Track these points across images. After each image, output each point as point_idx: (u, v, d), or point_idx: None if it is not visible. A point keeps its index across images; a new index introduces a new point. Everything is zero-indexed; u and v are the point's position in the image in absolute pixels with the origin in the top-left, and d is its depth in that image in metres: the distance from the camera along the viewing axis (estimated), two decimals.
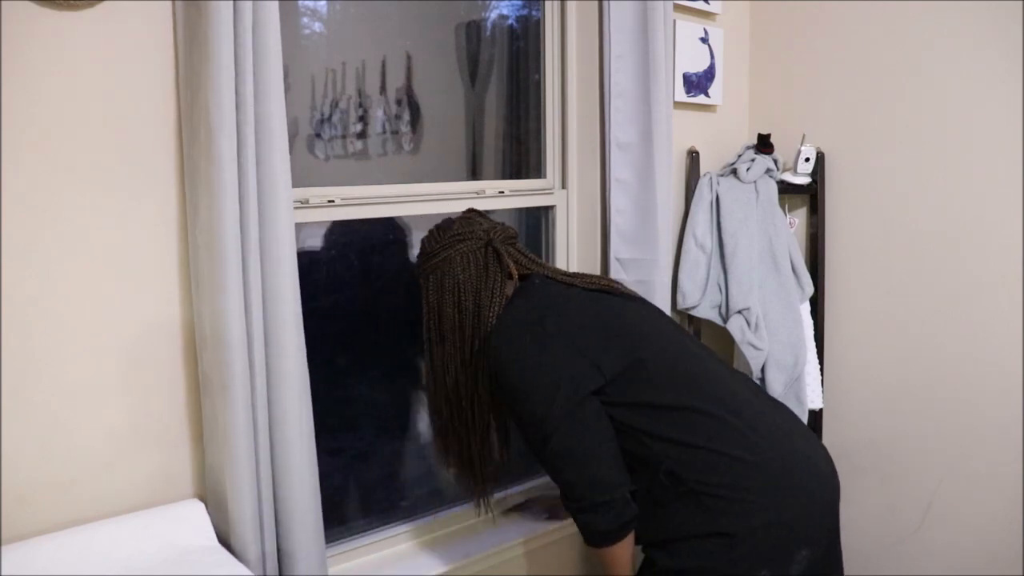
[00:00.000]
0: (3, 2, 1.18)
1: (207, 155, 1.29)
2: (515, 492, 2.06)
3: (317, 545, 1.48)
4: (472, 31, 2.02)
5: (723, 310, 2.14)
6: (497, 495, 1.86)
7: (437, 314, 1.55)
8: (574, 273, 1.63)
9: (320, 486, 1.49)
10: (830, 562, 1.47)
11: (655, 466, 1.38)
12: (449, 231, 1.56)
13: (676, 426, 1.39)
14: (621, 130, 1.95)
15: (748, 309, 2.09)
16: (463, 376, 1.55)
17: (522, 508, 2.02)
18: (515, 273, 1.55)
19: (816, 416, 2.24)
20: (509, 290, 1.56)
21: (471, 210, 1.66)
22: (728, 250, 2.11)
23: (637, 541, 1.45)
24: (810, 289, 2.20)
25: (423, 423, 2.06)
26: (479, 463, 1.64)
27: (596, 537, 1.41)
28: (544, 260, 1.65)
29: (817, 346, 2.22)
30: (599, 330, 1.45)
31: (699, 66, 2.18)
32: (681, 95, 2.12)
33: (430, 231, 1.61)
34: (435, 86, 1.96)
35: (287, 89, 1.39)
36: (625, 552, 1.41)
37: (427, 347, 1.60)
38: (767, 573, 1.35)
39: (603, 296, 1.57)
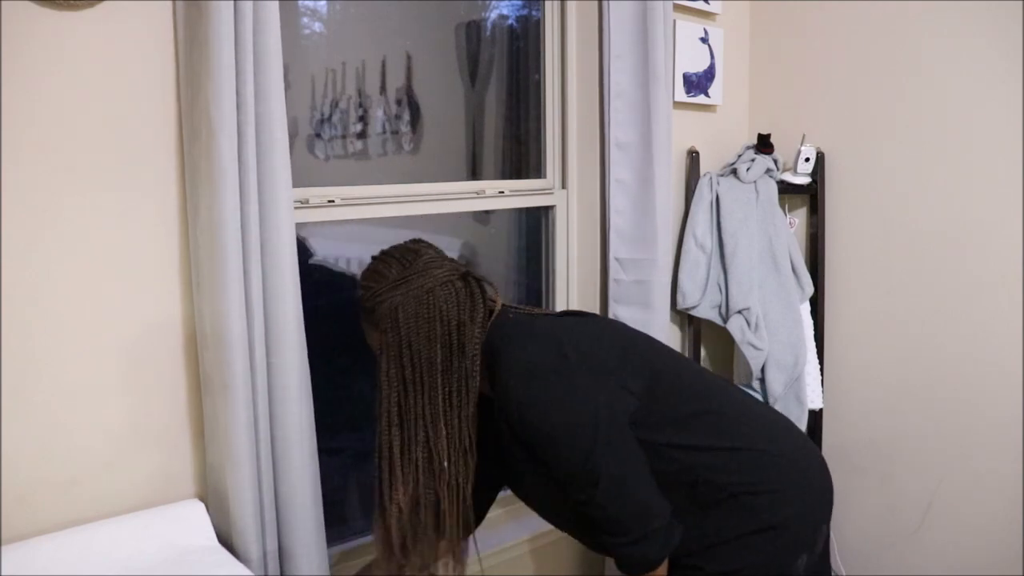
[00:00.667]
0: (3, 2, 1.18)
1: (207, 155, 1.29)
2: None
3: (318, 544, 1.48)
4: (472, 31, 2.02)
5: (723, 310, 2.14)
6: None
7: (410, 350, 1.30)
8: (523, 306, 1.50)
9: (320, 486, 1.49)
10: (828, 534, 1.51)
11: (690, 479, 1.32)
12: (420, 255, 1.36)
13: (698, 433, 1.35)
14: (621, 130, 1.95)
15: (748, 309, 2.09)
16: (446, 427, 1.31)
17: None
18: (499, 304, 1.40)
19: (816, 416, 2.24)
20: (487, 326, 1.37)
21: (419, 240, 1.43)
22: (728, 250, 2.11)
23: (674, 555, 1.37)
24: (810, 289, 2.20)
25: None
26: (457, 517, 1.38)
27: (644, 566, 1.30)
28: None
29: (817, 346, 2.22)
30: (613, 352, 1.36)
31: (699, 66, 2.18)
32: (681, 95, 2.12)
33: (385, 258, 1.38)
34: (435, 86, 1.96)
35: (287, 89, 1.39)
36: (664, 571, 1.35)
37: (390, 393, 1.31)
38: (805, 555, 1.36)
39: (585, 318, 1.47)
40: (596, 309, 2.10)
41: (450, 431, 1.32)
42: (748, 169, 2.15)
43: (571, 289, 2.13)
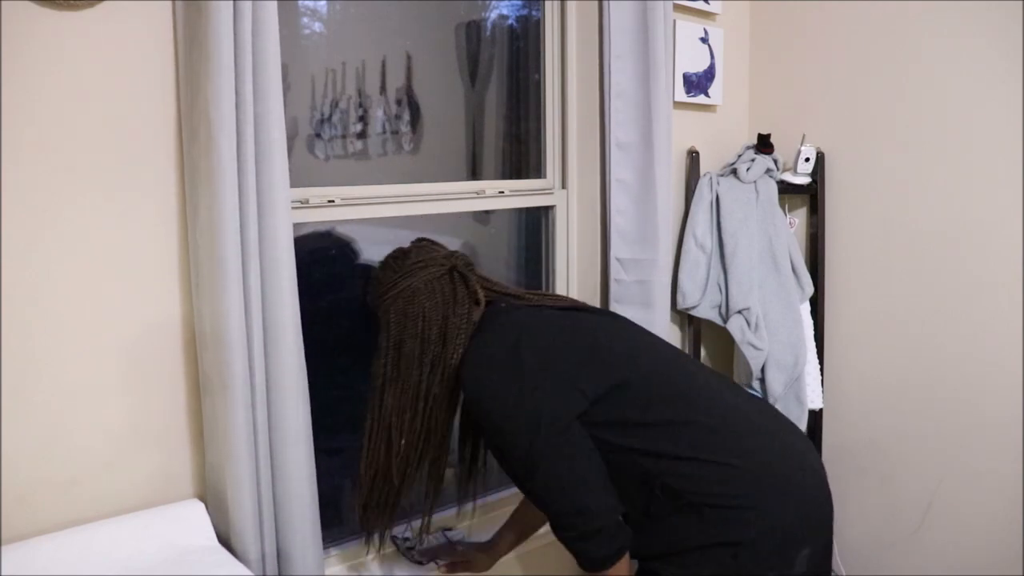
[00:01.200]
0: (3, 2, 1.18)
1: (207, 155, 1.29)
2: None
3: (314, 545, 1.48)
4: (472, 31, 2.02)
5: (723, 310, 2.14)
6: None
7: (396, 349, 1.44)
8: (541, 294, 1.57)
9: (319, 486, 1.49)
10: (827, 553, 1.46)
11: (650, 483, 1.34)
12: (407, 259, 1.48)
13: (664, 440, 1.35)
14: (621, 130, 1.95)
15: (748, 309, 2.09)
16: (420, 413, 1.44)
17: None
18: (482, 299, 1.47)
19: (816, 416, 2.24)
20: (476, 317, 1.47)
21: (423, 239, 1.56)
22: (728, 250, 2.11)
23: (636, 555, 1.42)
24: (810, 289, 2.20)
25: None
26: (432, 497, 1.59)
27: (593, 563, 1.36)
28: (506, 284, 1.58)
29: (817, 346, 2.22)
30: (576, 351, 1.40)
31: (699, 66, 2.18)
32: (681, 95, 2.12)
33: (383, 262, 1.52)
34: (435, 86, 1.96)
35: (287, 89, 1.39)
36: (623, 568, 1.39)
37: (378, 385, 1.47)
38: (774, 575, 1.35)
39: (576, 314, 1.51)
40: None
41: (414, 413, 1.44)
42: (748, 169, 2.15)
43: (571, 289, 2.13)
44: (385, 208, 1.78)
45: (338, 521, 1.80)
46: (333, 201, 1.68)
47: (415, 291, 1.43)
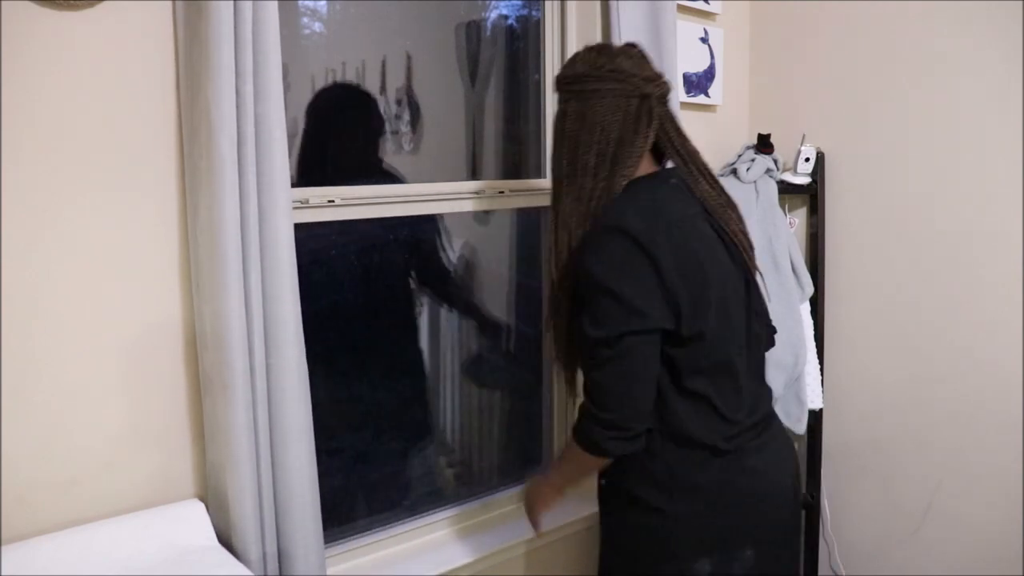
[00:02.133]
0: (3, 2, 1.18)
1: (207, 155, 1.29)
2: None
3: (316, 545, 1.48)
4: (472, 31, 2.02)
5: None
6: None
7: (573, 147, 1.39)
8: (714, 187, 1.46)
9: (320, 486, 1.49)
10: (783, 562, 1.46)
11: (660, 418, 1.36)
12: (610, 62, 1.39)
13: (688, 405, 1.35)
14: None
15: None
16: (583, 223, 1.38)
17: None
18: (651, 138, 1.39)
19: (816, 416, 2.24)
20: (645, 161, 1.40)
21: (633, 46, 1.46)
22: None
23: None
24: (810, 289, 2.20)
25: (424, 422, 2.06)
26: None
27: (591, 445, 1.35)
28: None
29: (817, 346, 2.22)
30: (691, 276, 1.32)
31: (699, 66, 2.18)
32: (681, 95, 2.12)
33: (587, 50, 1.44)
34: (435, 86, 1.96)
35: (287, 89, 1.39)
36: (597, 465, 1.43)
37: (556, 178, 1.43)
38: (709, 566, 1.36)
39: (714, 241, 1.41)
40: None
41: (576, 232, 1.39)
42: (748, 169, 2.15)
43: None
44: (385, 208, 1.78)
45: (340, 521, 1.80)
46: (333, 201, 1.67)
47: (601, 98, 1.37)
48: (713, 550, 1.37)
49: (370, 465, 1.94)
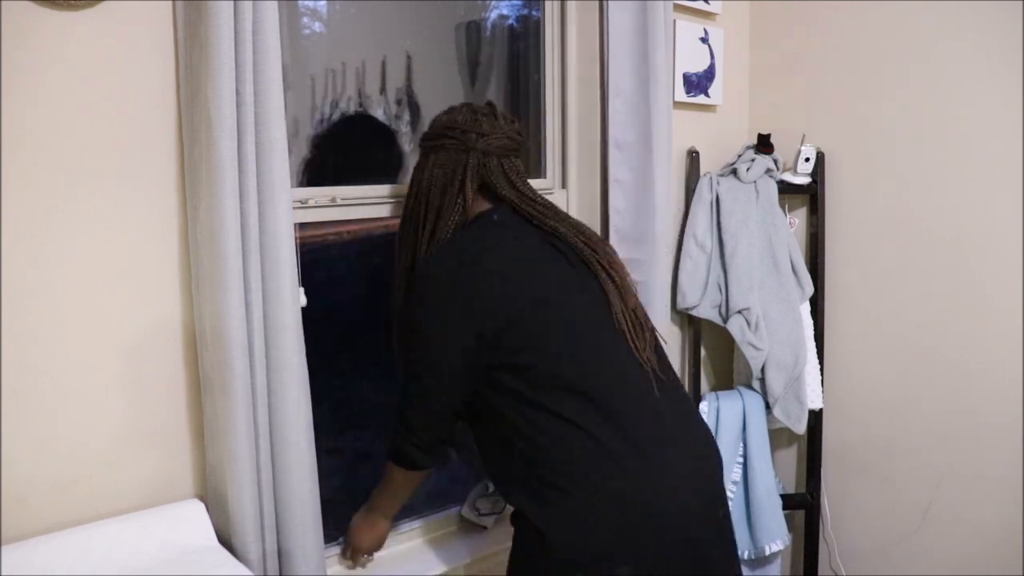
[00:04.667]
0: (3, 2, 1.18)
1: (207, 155, 1.29)
2: None
3: (316, 545, 1.48)
4: (472, 31, 2.02)
5: (723, 310, 2.14)
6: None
7: (414, 197, 1.54)
8: (554, 215, 1.50)
9: (320, 486, 1.49)
10: None
11: (514, 443, 1.38)
12: (451, 119, 1.52)
13: (546, 428, 1.35)
14: (621, 130, 1.95)
15: (748, 309, 2.09)
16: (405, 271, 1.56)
17: None
18: (469, 197, 1.48)
19: (816, 416, 2.24)
20: (480, 206, 1.50)
21: (489, 104, 1.58)
22: (728, 250, 2.11)
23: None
24: (810, 289, 2.20)
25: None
26: None
27: (390, 452, 1.52)
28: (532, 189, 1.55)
29: (817, 346, 2.22)
30: (506, 303, 1.38)
31: (699, 66, 2.18)
32: (681, 95, 2.12)
33: (450, 109, 1.57)
34: (435, 86, 1.96)
35: (287, 89, 1.39)
36: (405, 480, 1.55)
37: (400, 232, 1.59)
38: None
39: (550, 260, 1.45)
40: None
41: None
42: (748, 169, 2.15)
43: None
44: (385, 208, 1.78)
45: (340, 520, 1.80)
46: (334, 200, 1.68)
47: (436, 153, 1.51)
48: (586, 564, 1.31)
49: (370, 464, 1.94)
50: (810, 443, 2.28)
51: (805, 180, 2.21)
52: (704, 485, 1.43)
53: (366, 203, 1.74)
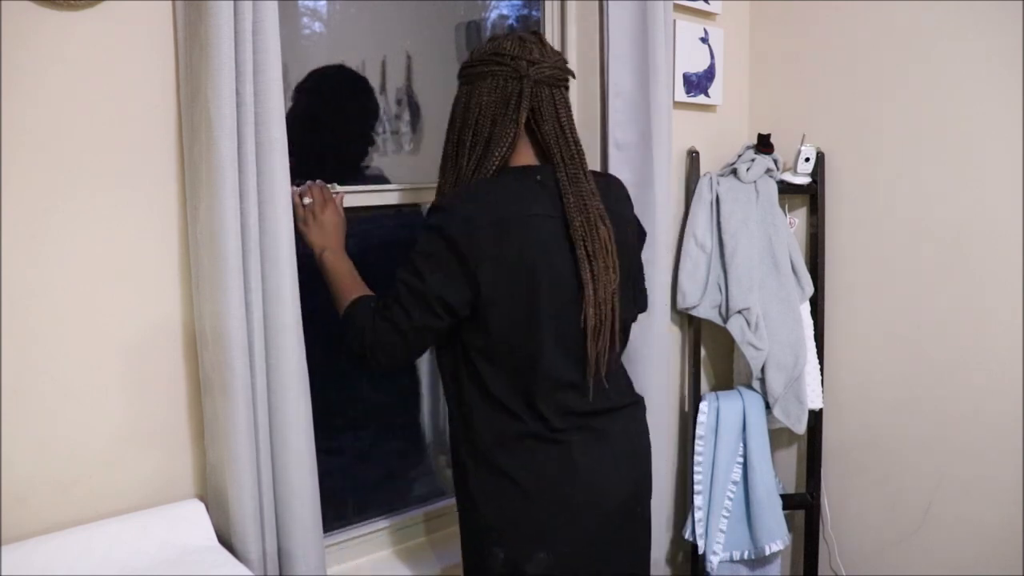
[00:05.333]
0: (3, 2, 1.18)
1: (207, 155, 1.29)
2: None
3: (316, 544, 1.48)
4: (472, 31, 2.02)
5: (723, 310, 2.14)
6: None
7: (457, 129, 1.44)
8: (589, 187, 1.43)
9: (320, 485, 1.49)
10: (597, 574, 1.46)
11: (464, 401, 1.43)
12: (496, 46, 1.42)
13: (497, 406, 1.41)
14: (621, 130, 1.95)
15: (748, 309, 2.09)
16: None
17: None
18: (522, 123, 1.39)
19: (816, 416, 2.24)
20: (524, 153, 1.43)
21: (534, 32, 1.47)
22: (728, 250, 2.11)
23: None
24: (810, 289, 2.20)
25: (423, 422, 2.06)
26: None
27: (347, 335, 1.44)
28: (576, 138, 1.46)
29: (817, 346, 2.22)
30: (511, 274, 1.36)
31: (699, 66, 2.18)
32: (681, 95, 2.12)
33: (492, 37, 1.48)
34: (435, 86, 1.96)
35: (288, 88, 1.39)
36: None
37: (442, 158, 1.49)
38: (502, 555, 1.40)
39: (555, 245, 1.39)
40: None
41: None
42: (748, 169, 2.15)
43: None
44: (391, 196, 1.78)
45: (340, 520, 1.80)
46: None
47: (482, 79, 1.41)
48: (504, 541, 1.41)
49: (370, 464, 1.94)
50: (810, 443, 2.28)
51: (805, 180, 2.21)
52: (638, 481, 1.52)
53: (364, 191, 1.74)
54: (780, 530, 2.12)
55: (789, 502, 2.22)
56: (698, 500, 2.10)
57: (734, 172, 2.17)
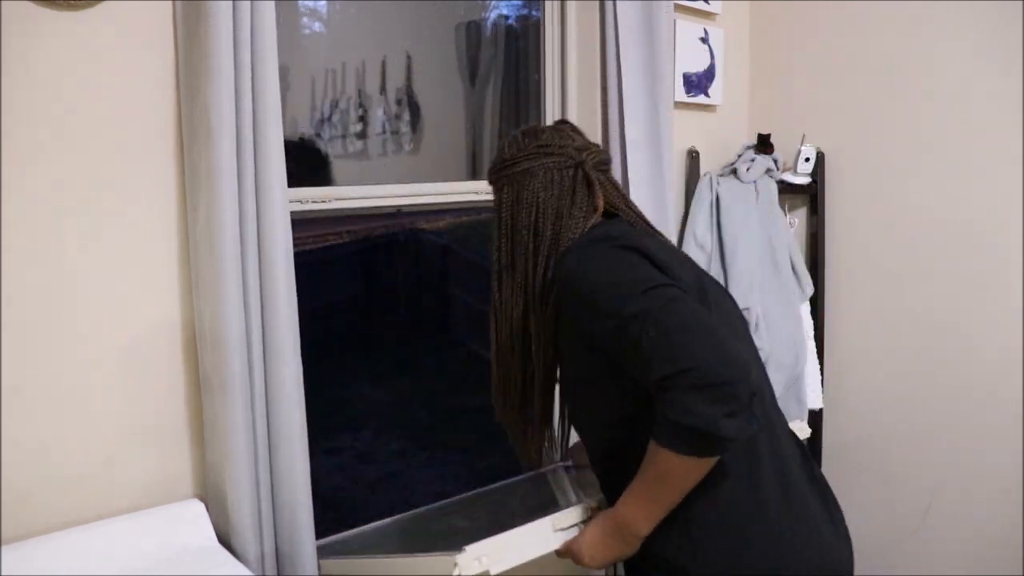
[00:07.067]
0: (3, 2, 1.18)
1: (206, 156, 1.29)
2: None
3: (309, 544, 1.47)
4: (472, 31, 2.02)
5: None
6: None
7: (510, 234, 1.30)
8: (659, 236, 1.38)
9: (320, 486, 1.49)
10: None
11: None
12: (536, 140, 1.32)
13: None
14: (622, 130, 1.95)
15: (748, 309, 2.09)
16: (534, 308, 1.28)
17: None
18: (600, 207, 1.30)
19: (816, 416, 2.24)
20: (591, 223, 1.29)
21: (564, 122, 1.42)
22: (728, 250, 2.11)
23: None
24: (810, 289, 2.20)
25: (423, 422, 2.06)
26: (541, 408, 1.36)
27: (693, 435, 1.00)
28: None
29: (817, 346, 2.22)
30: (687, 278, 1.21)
31: (699, 66, 2.18)
32: (681, 95, 2.12)
33: (513, 135, 1.36)
34: (435, 86, 1.97)
35: (287, 89, 1.39)
36: (700, 472, 1.09)
37: (495, 272, 1.33)
38: None
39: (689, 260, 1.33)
40: None
41: (525, 309, 1.29)
42: (748, 169, 2.15)
43: None
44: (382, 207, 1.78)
45: (339, 520, 1.80)
46: (328, 198, 1.68)
47: (532, 176, 1.29)
48: None
49: (370, 464, 1.94)
50: (810, 443, 2.28)
51: (805, 180, 2.21)
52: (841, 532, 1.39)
53: (362, 199, 1.74)
54: None
55: None
56: None
57: (734, 172, 2.17)
